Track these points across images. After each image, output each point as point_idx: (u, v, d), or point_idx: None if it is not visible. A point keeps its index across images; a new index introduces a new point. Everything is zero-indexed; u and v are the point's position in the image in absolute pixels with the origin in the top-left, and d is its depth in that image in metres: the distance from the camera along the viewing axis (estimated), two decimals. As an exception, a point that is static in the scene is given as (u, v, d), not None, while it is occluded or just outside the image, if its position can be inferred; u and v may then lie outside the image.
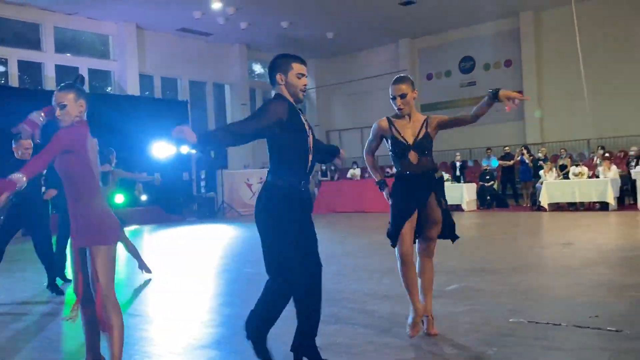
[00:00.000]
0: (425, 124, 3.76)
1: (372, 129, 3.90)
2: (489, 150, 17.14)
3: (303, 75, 3.18)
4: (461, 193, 14.74)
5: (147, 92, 19.75)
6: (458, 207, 14.58)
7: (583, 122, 17.89)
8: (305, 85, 3.19)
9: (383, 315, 4.48)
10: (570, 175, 13.74)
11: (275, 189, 3.13)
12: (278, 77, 3.16)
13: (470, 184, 15.48)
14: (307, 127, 3.22)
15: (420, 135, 3.71)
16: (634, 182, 12.87)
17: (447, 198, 3.89)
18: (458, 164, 16.28)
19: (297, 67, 3.17)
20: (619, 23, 17.71)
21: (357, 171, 18.44)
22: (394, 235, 3.73)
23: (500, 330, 3.89)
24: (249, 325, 3.15)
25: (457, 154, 17.15)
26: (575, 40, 15.22)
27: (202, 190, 18.77)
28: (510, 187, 16.13)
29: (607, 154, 14.25)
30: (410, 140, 3.72)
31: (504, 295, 4.98)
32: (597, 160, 14.22)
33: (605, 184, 12.80)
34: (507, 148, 16.39)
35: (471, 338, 3.77)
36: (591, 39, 17.20)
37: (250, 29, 19.17)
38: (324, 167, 18.61)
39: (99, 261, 2.93)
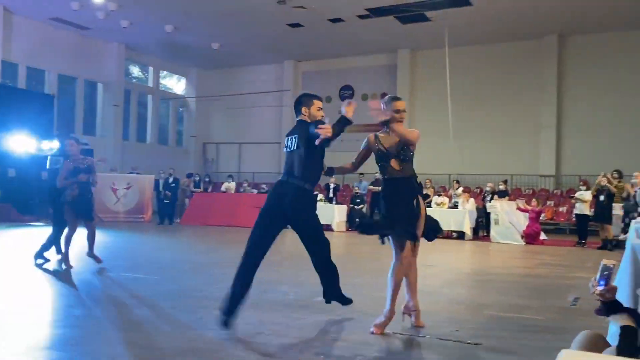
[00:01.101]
0: None
1: (362, 143, 4.40)
2: (361, 175, 17.74)
3: (321, 108, 4.25)
4: (332, 214, 15.03)
5: (10, 81, 18.11)
6: (328, 227, 14.83)
7: (447, 157, 19.15)
8: (322, 116, 4.17)
9: (250, 322, 4.33)
10: (432, 204, 14.54)
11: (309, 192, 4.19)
12: (303, 109, 4.21)
13: (341, 205, 15.85)
14: None
15: (400, 145, 4.18)
16: (488, 215, 13.89)
17: (319, 218, 4.32)
18: (332, 186, 16.62)
19: (317, 103, 4.26)
20: (485, 70, 19.28)
21: (232, 185, 18.15)
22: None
23: (364, 341, 3.91)
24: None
25: (332, 176, 17.53)
26: (445, 81, 16.37)
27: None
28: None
29: (461, 188, 15.22)
30: (392, 150, 4.19)
31: (369, 309, 5.04)
32: (452, 192, 15.21)
33: (463, 214, 13.68)
34: (377, 174, 17.02)
35: (336, 347, 3.75)
36: (459, 82, 18.54)
37: (131, 29, 18.35)
38: (197, 178, 18.11)
39: None
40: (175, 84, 24.60)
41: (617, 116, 17.33)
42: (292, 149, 4.14)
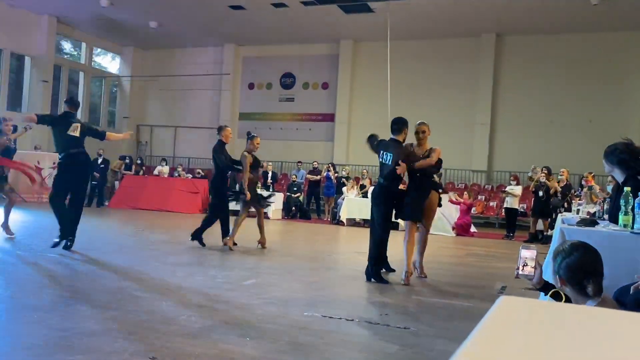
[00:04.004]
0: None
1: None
2: (300, 164, 17.61)
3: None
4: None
5: None
6: (265, 215, 14.63)
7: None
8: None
9: (174, 303, 4.13)
10: (368, 194, 14.59)
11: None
12: (404, 130, 6.44)
13: (278, 193, 15.66)
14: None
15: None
16: (422, 207, 14.05)
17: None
18: (270, 173, 16.40)
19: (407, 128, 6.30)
20: (425, 65, 19.51)
21: (166, 169, 17.59)
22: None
23: (295, 323, 3.80)
24: (369, 271, 5.78)
25: (270, 164, 17.32)
26: (386, 73, 16.42)
27: (-19, 170, 16.36)
28: (314, 200, 16.67)
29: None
30: None
31: (300, 292, 4.93)
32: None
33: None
34: (315, 163, 16.95)
35: (266, 328, 3.60)
36: (399, 75, 18.69)
37: (64, 1, 17.42)
38: (127, 160, 17.45)
39: None
40: (110, 63, 23.61)
41: (547, 115, 17.95)
42: (386, 162, 6.12)
